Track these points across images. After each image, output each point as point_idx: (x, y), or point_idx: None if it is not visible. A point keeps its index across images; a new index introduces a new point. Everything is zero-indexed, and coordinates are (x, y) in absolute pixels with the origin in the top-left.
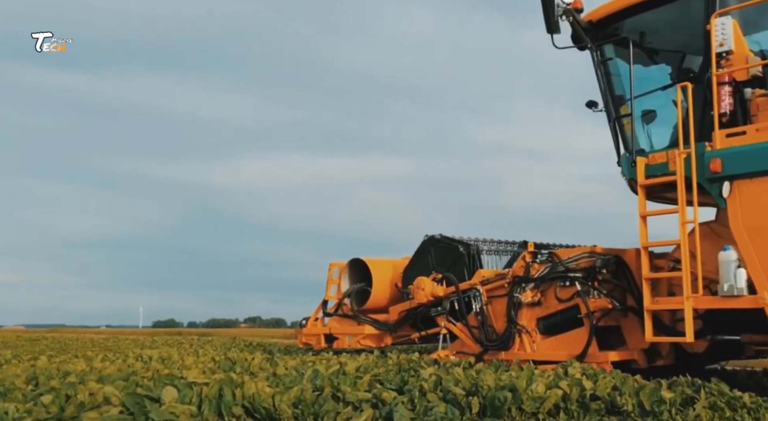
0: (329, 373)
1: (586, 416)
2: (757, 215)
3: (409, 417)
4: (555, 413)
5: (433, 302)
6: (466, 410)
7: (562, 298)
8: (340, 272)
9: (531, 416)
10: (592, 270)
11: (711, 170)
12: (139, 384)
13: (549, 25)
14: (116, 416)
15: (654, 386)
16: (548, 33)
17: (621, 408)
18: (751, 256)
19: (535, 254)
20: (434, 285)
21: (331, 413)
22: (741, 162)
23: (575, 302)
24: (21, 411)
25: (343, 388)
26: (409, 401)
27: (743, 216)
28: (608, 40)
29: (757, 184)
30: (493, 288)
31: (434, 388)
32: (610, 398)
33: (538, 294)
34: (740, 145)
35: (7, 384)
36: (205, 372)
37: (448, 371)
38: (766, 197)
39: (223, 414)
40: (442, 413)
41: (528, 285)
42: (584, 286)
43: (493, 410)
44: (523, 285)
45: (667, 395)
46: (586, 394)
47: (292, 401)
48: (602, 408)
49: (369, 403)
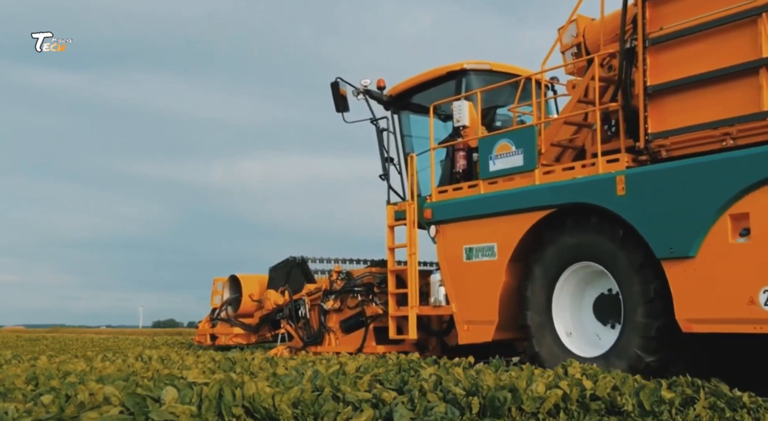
0: (329, 373)
1: (586, 416)
2: (449, 249)
3: (409, 417)
4: (555, 413)
5: (277, 309)
6: (466, 410)
7: (351, 306)
8: (222, 285)
9: (531, 416)
10: (371, 285)
11: (425, 217)
12: (139, 384)
13: (337, 107)
14: (116, 416)
15: (654, 386)
16: (337, 112)
17: (621, 408)
18: (447, 278)
19: (339, 273)
20: (278, 295)
21: (331, 413)
22: (441, 212)
23: (360, 309)
24: (21, 411)
25: (343, 388)
26: (409, 401)
27: (442, 250)
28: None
29: (450, 227)
30: (313, 298)
31: (434, 388)
32: (610, 398)
33: (338, 303)
34: (442, 200)
35: (7, 384)
36: (205, 372)
37: (448, 371)
38: (453, 237)
39: (223, 414)
40: (442, 413)
41: (331, 296)
42: (365, 297)
43: (493, 410)
44: (328, 296)
45: (667, 395)
46: (586, 394)
47: (292, 401)
48: (602, 408)
49: (369, 403)
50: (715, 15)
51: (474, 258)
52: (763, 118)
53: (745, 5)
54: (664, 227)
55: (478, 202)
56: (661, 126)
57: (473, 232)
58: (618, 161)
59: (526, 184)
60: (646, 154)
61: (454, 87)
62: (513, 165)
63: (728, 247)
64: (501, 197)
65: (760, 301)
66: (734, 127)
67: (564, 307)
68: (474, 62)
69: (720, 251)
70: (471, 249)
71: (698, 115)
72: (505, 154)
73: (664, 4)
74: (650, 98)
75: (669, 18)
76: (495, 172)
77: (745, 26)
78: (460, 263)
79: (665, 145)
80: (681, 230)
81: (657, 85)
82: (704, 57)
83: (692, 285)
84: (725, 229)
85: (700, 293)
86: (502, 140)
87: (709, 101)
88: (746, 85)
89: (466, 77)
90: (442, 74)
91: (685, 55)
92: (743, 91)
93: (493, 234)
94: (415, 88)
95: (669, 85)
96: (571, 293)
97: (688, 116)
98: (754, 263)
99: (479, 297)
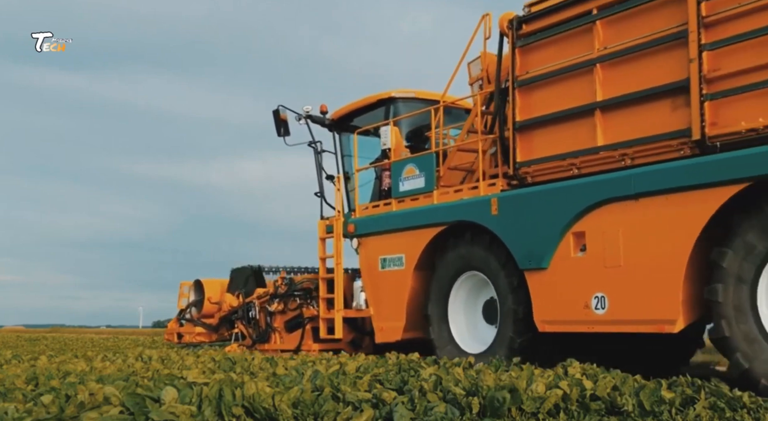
0: (329, 373)
1: (586, 416)
2: (368, 260)
3: (409, 417)
4: (555, 413)
5: (233, 311)
6: (466, 410)
7: (292, 308)
8: (189, 288)
9: (531, 416)
10: (309, 290)
11: (349, 231)
12: (139, 384)
13: (278, 131)
14: (116, 416)
15: (654, 387)
16: (279, 136)
17: (621, 408)
18: (366, 285)
19: (283, 279)
20: (233, 299)
21: (331, 413)
22: (362, 226)
23: (299, 311)
24: (21, 411)
25: (343, 388)
26: (409, 401)
27: (363, 260)
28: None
29: (369, 240)
30: (262, 301)
31: (434, 388)
32: (610, 398)
33: (282, 306)
34: (363, 216)
35: (7, 384)
36: (205, 372)
37: (448, 371)
38: (371, 249)
39: (223, 414)
40: (442, 413)
41: (276, 300)
42: (303, 301)
43: (493, 410)
44: (273, 300)
45: (667, 395)
46: (586, 394)
47: (292, 401)
48: (602, 408)
49: (369, 403)
50: (566, 64)
51: (387, 267)
52: (596, 152)
53: (584, 57)
54: (525, 243)
55: (390, 218)
56: (527, 156)
57: (387, 244)
58: (495, 185)
59: (427, 203)
60: (516, 179)
61: (383, 113)
62: (417, 186)
63: (571, 260)
64: (407, 215)
65: (592, 305)
66: (578, 158)
67: (458, 311)
68: (401, 91)
69: (565, 264)
70: (385, 259)
71: (553, 148)
72: (411, 176)
73: (531, 52)
74: (518, 131)
75: (534, 63)
76: (404, 192)
77: (585, 74)
78: (376, 271)
79: (530, 172)
80: (537, 245)
81: (523, 121)
82: (557, 98)
83: (545, 292)
84: (569, 245)
85: (550, 299)
86: (409, 164)
87: (561, 136)
88: (587, 124)
89: (394, 104)
90: (373, 102)
91: (544, 96)
92: (584, 128)
93: (402, 246)
94: (354, 113)
95: (532, 121)
96: (465, 300)
97: (546, 148)
98: (589, 273)
99: (391, 301)
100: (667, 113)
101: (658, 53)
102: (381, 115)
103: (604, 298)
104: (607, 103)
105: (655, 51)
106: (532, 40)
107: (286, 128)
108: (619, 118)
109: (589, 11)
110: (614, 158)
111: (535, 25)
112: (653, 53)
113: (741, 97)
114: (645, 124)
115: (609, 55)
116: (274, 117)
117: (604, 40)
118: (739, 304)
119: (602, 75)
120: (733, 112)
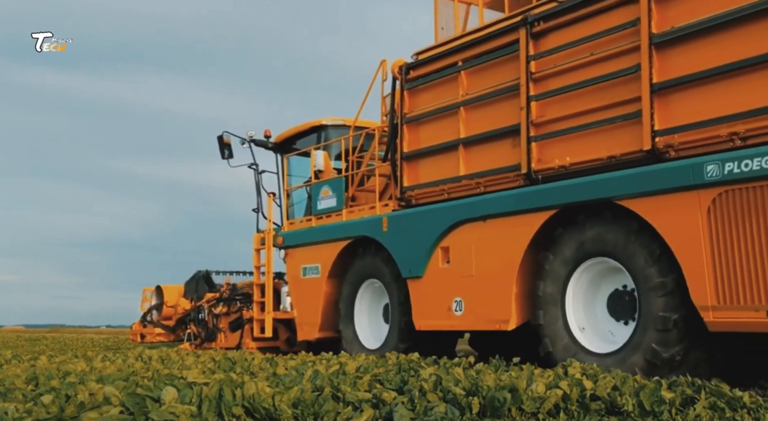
0: (329, 373)
1: (586, 416)
2: (292, 268)
3: (409, 417)
4: (555, 413)
5: (186, 313)
6: (466, 410)
7: (234, 311)
8: (151, 293)
9: (531, 416)
10: (249, 295)
11: (278, 243)
12: (139, 384)
13: (222, 155)
14: (116, 416)
15: (654, 386)
16: (222, 159)
17: (621, 408)
18: (291, 290)
19: (228, 284)
20: (186, 302)
21: (331, 413)
22: (288, 239)
23: (240, 313)
24: (21, 411)
25: (343, 388)
26: (409, 401)
27: (288, 269)
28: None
29: (293, 251)
30: (210, 305)
31: (434, 388)
32: (610, 398)
33: (226, 308)
34: (289, 230)
35: (7, 384)
36: (205, 372)
37: (448, 372)
38: (295, 259)
39: (223, 414)
40: (442, 413)
41: (220, 303)
42: (243, 304)
43: (493, 410)
44: (218, 303)
45: (667, 395)
46: (586, 394)
47: (292, 401)
48: (602, 408)
49: (369, 403)
50: (440, 105)
51: (307, 275)
52: (459, 180)
53: (451, 101)
54: (407, 255)
55: (310, 232)
56: (412, 181)
57: (307, 255)
58: (387, 206)
59: (337, 220)
60: (403, 201)
61: (316, 138)
62: (330, 205)
63: (439, 271)
64: (322, 230)
65: (453, 308)
66: (447, 185)
67: (363, 313)
68: (331, 119)
69: (435, 274)
70: (305, 268)
71: (431, 175)
72: (326, 197)
73: (416, 94)
74: (405, 160)
75: (419, 104)
76: (321, 210)
77: (452, 115)
78: (299, 278)
79: (414, 195)
80: (415, 257)
81: (409, 152)
82: (435, 134)
83: (420, 297)
84: (438, 258)
85: (424, 303)
86: (324, 186)
87: (437, 166)
88: (453, 156)
89: (325, 131)
90: (307, 128)
91: (426, 131)
92: (452, 160)
93: (318, 257)
94: (293, 137)
95: (416, 152)
96: (368, 303)
97: (426, 175)
98: (451, 282)
99: (309, 304)
100: (508, 150)
101: (502, 101)
102: (314, 140)
103: (461, 302)
104: (467, 140)
105: (499, 99)
106: (417, 84)
107: (230, 151)
108: (475, 152)
109: (455, 63)
110: (472, 186)
111: (419, 71)
112: (498, 100)
113: (555, 140)
114: (492, 158)
115: (469, 100)
116: (219, 142)
117: (467, 87)
118: (553, 297)
119: (465, 116)
120: (551, 152)
